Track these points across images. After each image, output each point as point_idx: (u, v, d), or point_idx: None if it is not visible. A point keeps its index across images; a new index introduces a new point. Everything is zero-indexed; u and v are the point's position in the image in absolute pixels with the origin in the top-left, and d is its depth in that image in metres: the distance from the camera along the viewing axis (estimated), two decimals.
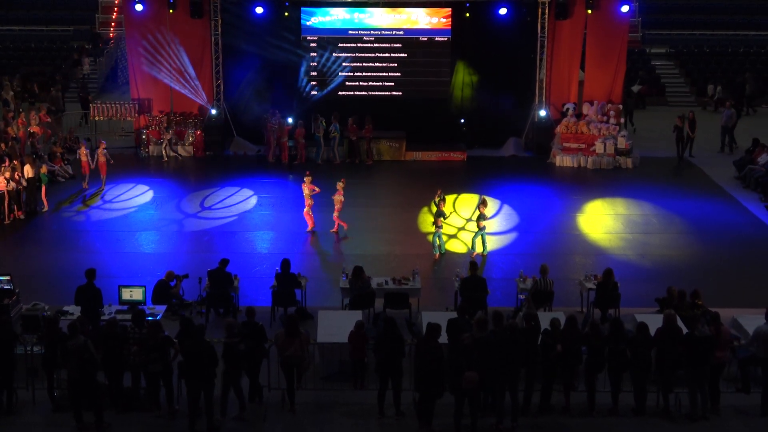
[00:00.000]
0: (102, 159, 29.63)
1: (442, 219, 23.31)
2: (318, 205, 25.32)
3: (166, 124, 33.60)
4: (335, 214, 24.96)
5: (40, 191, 27.09)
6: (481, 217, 23.27)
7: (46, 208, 26.98)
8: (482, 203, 23.48)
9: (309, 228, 25.05)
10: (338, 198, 24.87)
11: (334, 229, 25.00)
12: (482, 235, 23.39)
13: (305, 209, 24.86)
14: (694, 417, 15.18)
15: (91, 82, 42.20)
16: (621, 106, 34.34)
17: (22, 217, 26.26)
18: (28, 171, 26.73)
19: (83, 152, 29.54)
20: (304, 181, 24.72)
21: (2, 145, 29.74)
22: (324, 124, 32.92)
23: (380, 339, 14.97)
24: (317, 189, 24.90)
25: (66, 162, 31.42)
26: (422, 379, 14.47)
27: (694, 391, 15.20)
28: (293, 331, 15.15)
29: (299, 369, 15.37)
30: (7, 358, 15.22)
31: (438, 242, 23.36)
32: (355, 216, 26.62)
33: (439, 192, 23.81)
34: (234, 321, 15.36)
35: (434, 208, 23.47)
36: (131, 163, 32.73)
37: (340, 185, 24.98)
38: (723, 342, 15.54)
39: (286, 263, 19.14)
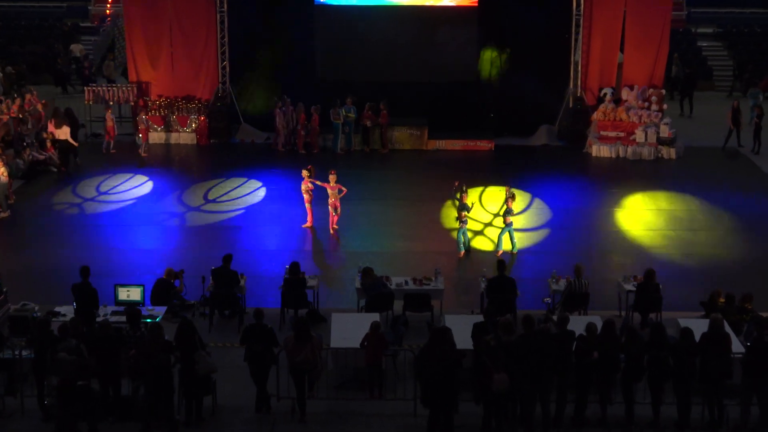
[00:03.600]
0: (110, 123, 32.26)
1: (465, 213, 23.20)
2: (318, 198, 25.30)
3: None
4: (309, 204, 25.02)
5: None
6: (508, 212, 23.18)
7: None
8: (510, 197, 23.39)
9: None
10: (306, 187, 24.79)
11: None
12: (510, 232, 23.32)
13: (331, 203, 24.76)
14: None
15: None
16: (664, 91, 34.17)
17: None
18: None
19: (109, 116, 32.44)
20: (328, 181, 24.57)
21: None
22: (344, 111, 32.84)
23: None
24: (344, 189, 24.74)
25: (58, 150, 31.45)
26: (429, 391, 14.46)
27: (747, 403, 15.12)
28: (304, 335, 15.15)
29: (311, 376, 15.38)
30: None
31: (463, 239, 23.32)
32: (371, 210, 26.66)
33: (456, 183, 23.54)
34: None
35: (457, 202, 23.32)
36: (129, 152, 32.77)
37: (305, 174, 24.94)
38: None
39: (294, 267, 19.06)
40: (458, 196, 23.24)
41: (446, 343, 14.51)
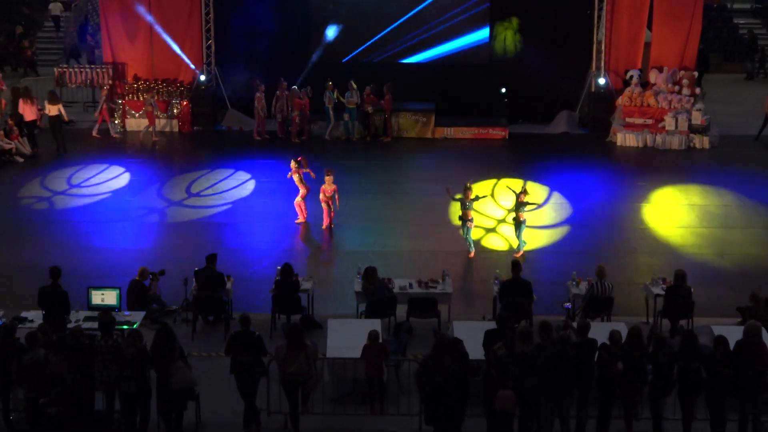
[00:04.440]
0: (105, 106, 32.71)
1: (469, 211, 22.69)
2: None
3: None
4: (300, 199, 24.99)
5: None
6: (520, 206, 22.93)
7: None
8: (523, 191, 23.11)
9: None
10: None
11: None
12: (522, 230, 23.04)
13: (323, 198, 24.63)
14: None
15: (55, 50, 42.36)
16: (696, 74, 34.13)
17: None
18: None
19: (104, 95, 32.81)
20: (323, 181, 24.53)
21: None
22: (336, 94, 32.83)
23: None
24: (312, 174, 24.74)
25: (25, 137, 31.44)
26: (431, 407, 14.41)
27: None
28: (298, 342, 15.12)
29: (305, 389, 15.36)
30: None
31: (469, 238, 22.95)
32: (372, 204, 26.63)
33: (468, 184, 23.21)
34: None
35: (459, 195, 22.82)
36: (104, 140, 32.79)
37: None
38: None
39: (286, 268, 19.02)
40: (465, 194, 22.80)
41: (451, 354, 14.45)
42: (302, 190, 24.82)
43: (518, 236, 23.22)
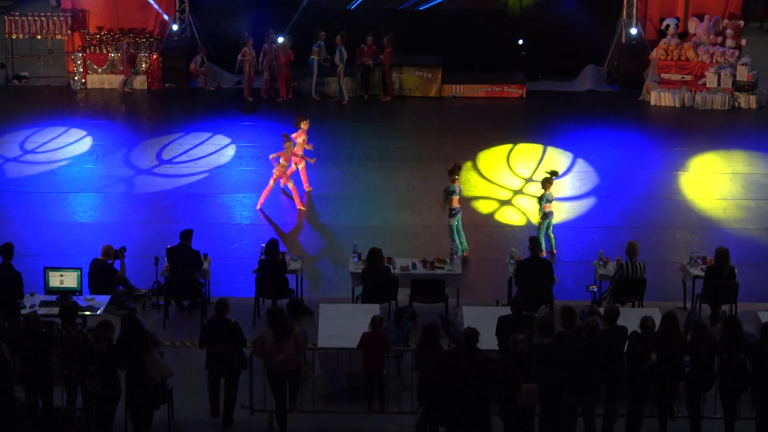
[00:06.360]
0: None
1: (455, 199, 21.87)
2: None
3: None
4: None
5: None
6: (545, 198, 21.81)
7: None
8: (547, 180, 21.76)
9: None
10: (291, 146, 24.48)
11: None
12: (549, 224, 21.92)
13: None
14: None
15: None
16: (743, 23, 34.04)
17: None
18: None
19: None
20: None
21: None
22: (321, 48, 32.55)
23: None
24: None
25: None
26: (440, 413, 14.43)
27: None
28: (282, 328, 15.11)
29: (294, 381, 15.38)
30: None
31: (457, 238, 21.87)
32: (370, 173, 26.63)
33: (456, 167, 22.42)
34: None
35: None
36: (62, 99, 32.73)
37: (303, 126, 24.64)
38: None
39: (271, 246, 19.07)
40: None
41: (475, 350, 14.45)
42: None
43: (545, 237, 21.79)
